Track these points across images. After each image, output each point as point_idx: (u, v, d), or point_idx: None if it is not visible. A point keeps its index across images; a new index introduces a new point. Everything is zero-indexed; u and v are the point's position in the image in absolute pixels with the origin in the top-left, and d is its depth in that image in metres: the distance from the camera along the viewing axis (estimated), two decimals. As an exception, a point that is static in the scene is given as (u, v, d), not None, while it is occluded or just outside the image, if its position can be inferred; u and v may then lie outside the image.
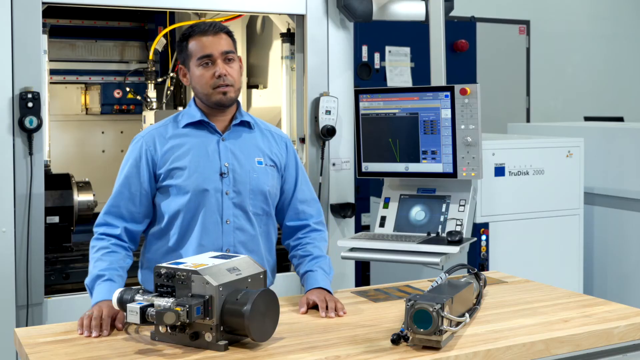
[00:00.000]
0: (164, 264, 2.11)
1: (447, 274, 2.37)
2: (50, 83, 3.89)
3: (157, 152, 2.55)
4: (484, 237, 3.78)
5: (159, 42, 4.46)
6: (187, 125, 2.59)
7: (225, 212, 2.55)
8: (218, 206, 2.54)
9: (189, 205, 2.52)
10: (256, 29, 4.74)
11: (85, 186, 3.85)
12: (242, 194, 2.57)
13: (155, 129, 2.61)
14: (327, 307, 2.42)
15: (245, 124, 2.65)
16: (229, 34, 2.60)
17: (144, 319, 2.02)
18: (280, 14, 4.00)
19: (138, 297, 2.10)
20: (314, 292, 2.51)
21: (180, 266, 2.08)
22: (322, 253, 2.67)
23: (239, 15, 4.37)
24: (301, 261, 2.64)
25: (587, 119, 6.48)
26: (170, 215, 2.54)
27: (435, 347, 2.04)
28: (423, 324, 2.02)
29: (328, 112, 3.90)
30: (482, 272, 2.69)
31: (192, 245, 2.53)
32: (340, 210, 3.97)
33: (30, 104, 3.29)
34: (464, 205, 3.42)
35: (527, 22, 8.03)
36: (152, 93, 4.53)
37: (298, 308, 2.46)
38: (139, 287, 2.32)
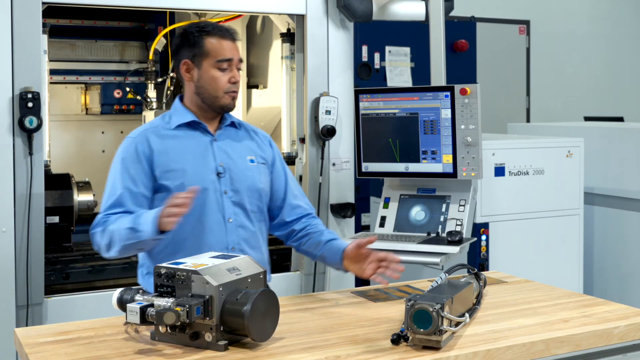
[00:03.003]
0: (164, 264, 2.11)
1: (447, 274, 2.37)
2: (50, 83, 3.89)
3: (152, 152, 2.54)
4: (484, 237, 3.78)
5: (159, 42, 4.46)
6: (178, 126, 2.60)
7: (226, 211, 2.57)
8: (219, 205, 2.56)
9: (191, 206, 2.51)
10: (256, 29, 4.74)
11: (85, 186, 3.86)
12: (240, 192, 2.60)
13: (147, 130, 2.60)
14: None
15: (233, 125, 2.69)
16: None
17: (144, 319, 2.03)
18: (280, 14, 4.00)
19: (138, 297, 2.10)
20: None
21: (180, 266, 2.08)
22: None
23: (239, 15, 4.37)
24: (316, 235, 2.68)
25: (587, 119, 6.48)
26: None
27: (435, 347, 2.04)
28: (423, 324, 2.02)
29: (328, 112, 3.90)
30: (482, 272, 2.69)
31: (198, 245, 2.51)
32: (340, 210, 3.97)
33: (30, 104, 3.29)
34: (464, 205, 3.42)
35: (527, 22, 8.03)
36: (152, 93, 4.53)
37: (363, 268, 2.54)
38: (139, 287, 2.32)
